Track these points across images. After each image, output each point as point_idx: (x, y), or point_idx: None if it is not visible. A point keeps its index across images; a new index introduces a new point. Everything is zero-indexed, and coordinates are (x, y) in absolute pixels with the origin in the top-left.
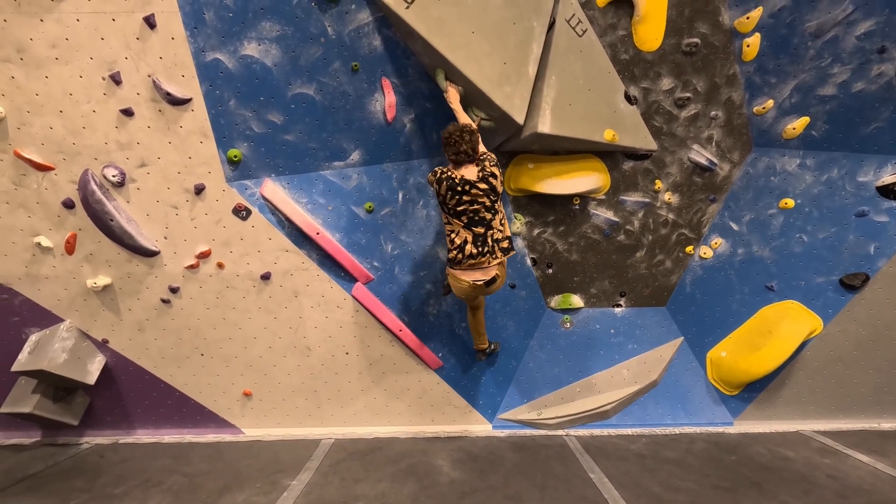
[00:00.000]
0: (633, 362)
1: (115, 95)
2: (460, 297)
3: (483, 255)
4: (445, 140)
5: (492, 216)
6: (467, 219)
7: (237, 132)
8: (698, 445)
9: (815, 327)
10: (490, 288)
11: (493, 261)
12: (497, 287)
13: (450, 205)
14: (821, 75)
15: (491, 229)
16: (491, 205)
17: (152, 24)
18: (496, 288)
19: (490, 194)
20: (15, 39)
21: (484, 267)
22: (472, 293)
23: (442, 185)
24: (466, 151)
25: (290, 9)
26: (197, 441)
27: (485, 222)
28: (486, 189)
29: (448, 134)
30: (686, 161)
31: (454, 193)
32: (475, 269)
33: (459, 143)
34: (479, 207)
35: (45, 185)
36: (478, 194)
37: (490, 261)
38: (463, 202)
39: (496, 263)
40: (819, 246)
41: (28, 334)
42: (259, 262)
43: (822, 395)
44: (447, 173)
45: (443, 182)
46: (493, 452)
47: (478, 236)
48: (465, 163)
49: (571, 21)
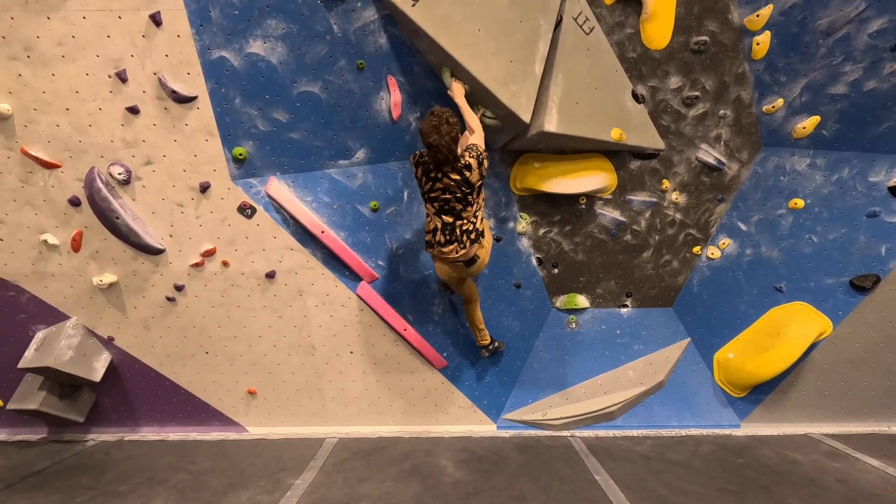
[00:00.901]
0: (640, 363)
1: (121, 93)
2: (443, 278)
3: (450, 244)
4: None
5: (462, 207)
6: (438, 206)
7: (242, 130)
8: (705, 448)
9: (824, 329)
10: (470, 268)
11: (461, 250)
12: (478, 268)
13: (424, 189)
14: (832, 74)
15: (460, 220)
16: (462, 196)
17: (158, 21)
18: (477, 269)
19: (462, 185)
20: (22, 37)
21: (451, 256)
22: (453, 273)
23: (418, 169)
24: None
25: (296, 6)
26: (201, 439)
27: (454, 212)
28: (458, 180)
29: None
30: (694, 160)
31: (427, 179)
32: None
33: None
34: (449, 197)
35: (51, 183)
36: (449, 184)
37: (457, 250)
38: (436, 189)
39: (461, 253)
40: (829, 247)
41: (35, 331)
42: (264, 261)
43: (831, 398)
44: (424, 157)
45: (419, 166)
46: (497, 453)
47: (446, 225)
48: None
49: (578, 19)
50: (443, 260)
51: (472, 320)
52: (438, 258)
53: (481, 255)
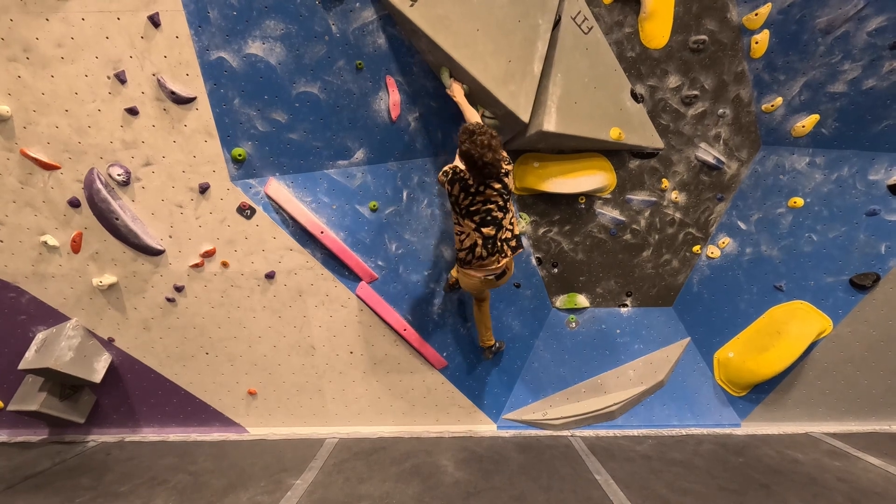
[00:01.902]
0: (640, 363)
1: (121, 94)
2: (468, 290)
3: (492, 255)
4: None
5: (503, 215)
6: (479, 219)
7: (241, 131)
8: (705, 447)
9: (824, 328)
10: (500, 281)
11: (503, 259)
12: (506, 279)
13: (462, 205)
14: (831, 72)
15: (501, 229)
16: (504, 204)
17: (157, 23)
18: (505, 280)
19: (503, 193)
20: (21, 39)
21: (493, 267)
22: (481, 287)
23: (455, 186)
24: (495, 174)
25: (295, 7)
26: (202, 440)
27: (497, 222)
28: (499, 188)
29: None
30: (693, 159)
31: (467, 194)
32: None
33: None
34: (492, 207)
35: (51, 184)
36: (492, 194)
37: (499, 259)
38: (476, 202)
39: (505, 262)
40: (829, 245)
41: (35, 333)
42: (263, 261)
43: (831, 397)
44: (460, 174)
45: (455, 183)
46: (497, 453)
47: (488, 238)
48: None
49: (577, 18)
50: (476, 275)
51: (481, 320)
52: (471, 274)
53: (510, 267)
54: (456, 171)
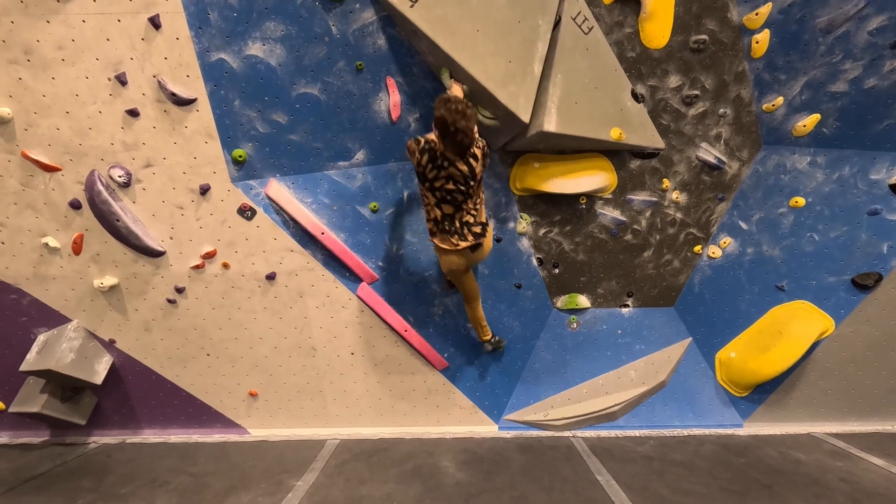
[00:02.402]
0: (641, 363)
1: (121, 96)
2: (450, 269)
3: (451, 235)
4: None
5: (463, 199)
6: (440, 195)
7: (242, 132)
8: (707, 448)
9: (826, 328)
10: (475, 254)
11: (462, 243)
12: (483, 254)
13: (428, 177)
14: (832, 71)
15: (460, 211)
16: (466, 188)
17: (157, 24)
18: (482, 256)
19: (468, 176)
20: (22, 41)
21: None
22: (458, 262)
23: (424, 157)
24: (466, 146)
25: (295, 8)
26: (203, 441)
27: (455, 203)
28: (465, 171)
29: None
30: (694, 159)
31: (433, 167)
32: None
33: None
34: (452, 188)
35: (52, 186)
36: (455, 173)
37: (458, 242)
38: (440, 177)
39: (465, 246)
40: (830, 245)
41: (36, 334)
42: (264, 263)
43: (834, 397)
44: (430, 144)
45: (425, 153)
46: (499, 454)
47: (446, 216)
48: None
49: (577, 19)
50: (443, 246)
51: (474, 318)
52: (441, 247)
53: (486, 244)
54: (428, 142)
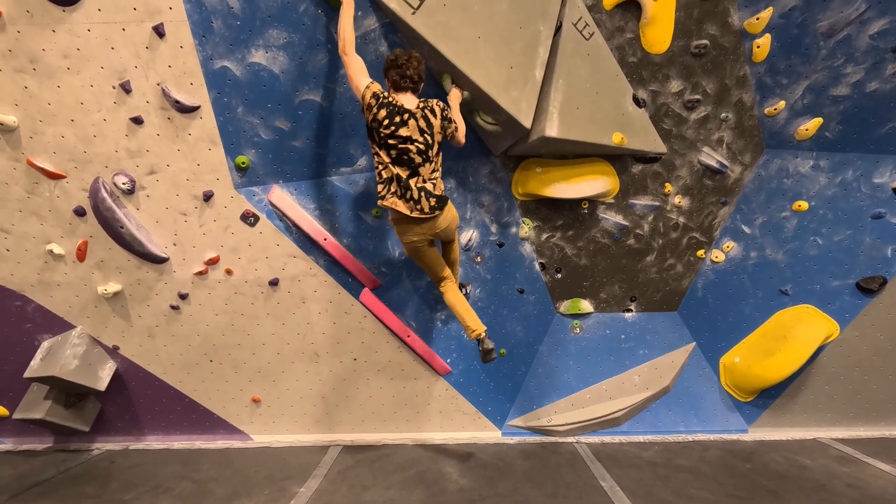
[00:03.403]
0: (645, 368)
1: (126, 104)
2: (411, 244)
3: (405, 201)
4: (391, 62)
5: (421, 161)
6: (396, 154)
7: (245, 139)
8: (712, 453)
9: (831, 332)
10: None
11: (416, 213)
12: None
13: (382, 133)
14: (833, 75)
15: (416, 176)
16: (424, 148)
17: (161, 33)
18: (446, 229)
19: (425, 133)
20: (28, 50)
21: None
22: (419, 232)
23: (381, 110)
24: (412, 77)
25: (297, 16)
26: (206, 447)
27: (412, 165)
28: (422, 126)
29: (395, 55)
30: (696, 164)
31: (391, 122)
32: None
33: (407, 66)
34: (410, 147)
35: (56, 193)
36: (414, 129)
37: (413, 210)
38: (396, 135)
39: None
40: (834, 249)
41: (40, 341)
42: (267, 268)
43: (839, 402)
44: (388, 98)
45: (384, 107)
46: (502, 459)
47: (400, 178)
48: (407, 90)
49: (578, 24)
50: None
51: (454, 305)
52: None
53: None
54: (384, 94)
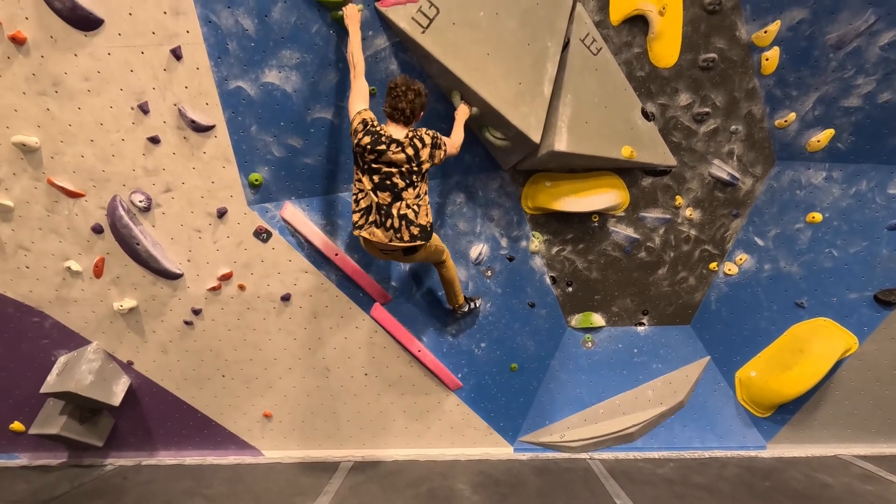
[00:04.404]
0: (658, 382)
1: (143, 124)
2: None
3: (383, 229)
4: (390, 89)
5: (405, 185)
6: (379, 179)
7: (258, 157)
8: (730, 470)
9: (849, 345)
10: (410, 256)
11: (396, 242)
12: (421, 256)
13: (367, 158)
14: (844, 87)
15: (400, 200)
16: (410, 175)
17: (178, 55)
18: (420, 258)
19: (411, 161)
20: (51, 74)
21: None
22: (381, 257)
23: (365, 136)
24: (404, 111)
25: (310, 37)
26: (218, 463)
27: (395, 190)
28: (409, 155)
29: (395, 84)
30: (707, 176)
31: (374, 149)
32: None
33: (401, 98)
34: (393, 171)
35: (75, 212)
36: (400, 157)
37: (392, 238)
38: (381, 161)
39: (398, 246)
40: (850, 261)
41: (57, 356)
42: (279, 284)
43: (860, 417)
44: (375, 126)
45: (369, 134)
46: (514, 476)
47: (381, 206)
48: (399, 122)
49: (586, 40)
50: (373, 245)
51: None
52: (368, 243)
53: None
54: (373, 123)
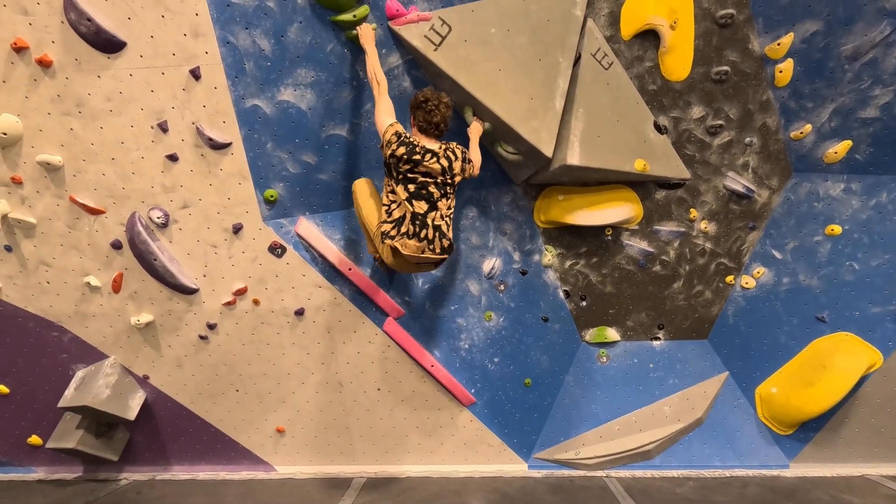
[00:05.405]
0: (675, 398)
1: (162, 142)
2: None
3: (418, 240)
4: (421, 103)
5: (440, 195)
6: (414, 188)
7: (274, 173)
8: (752, 490)
9: (873, 361)
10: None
11: (428, 253)
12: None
13: (402, 168)
14: (861, 98)
15: (435, 210)
16: (442, 184)
17: (197, 75)
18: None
19: (445, 173)
20: (75, 95)
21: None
22: (410, 269)
23: (400, 147)
24: (438, 125)
25: (325, 55)
26: (230, 478)
27: (431, 199)
28: (444, 166)
29: (425, 98)
30: (722, 189)
31: (410, 158)
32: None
33: (435, 112)
34: (429, 181)
35: (96, 228)
36: (434, 167)
37: (425, 250)
38: (416, 171)
39: (431, 257)
40: (872, 274)
41: (75, 370)
42: (293, 299)
43: (888, 436)
44: (409, 138)
45: (404, 145)
46: (529, 494)
47: (417, 215)
48: (431, 136)
49: (597, 55)
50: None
51: None
52: (397, 254)
53: None
54: (408, 135)
